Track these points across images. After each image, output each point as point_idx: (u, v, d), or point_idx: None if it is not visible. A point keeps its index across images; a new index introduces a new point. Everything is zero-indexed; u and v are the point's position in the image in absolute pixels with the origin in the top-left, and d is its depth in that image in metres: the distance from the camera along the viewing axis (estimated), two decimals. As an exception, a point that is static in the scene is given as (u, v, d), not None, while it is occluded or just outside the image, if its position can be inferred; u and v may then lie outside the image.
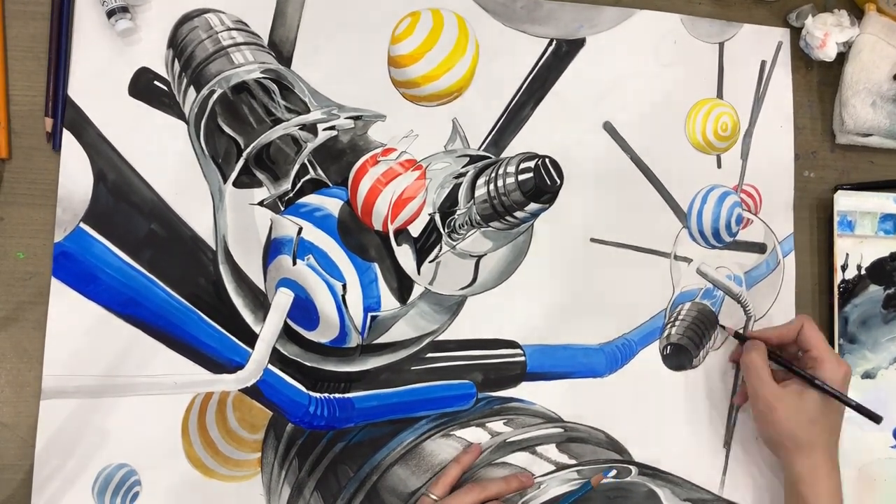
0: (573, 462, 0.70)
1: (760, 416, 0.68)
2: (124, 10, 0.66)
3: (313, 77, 0.71)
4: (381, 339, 0.69)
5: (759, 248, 0.77)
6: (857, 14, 0.79)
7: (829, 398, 0.66)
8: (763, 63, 0.79)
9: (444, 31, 0.73)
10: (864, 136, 0.79)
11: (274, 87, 0.70)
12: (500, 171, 0.69)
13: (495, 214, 0.69)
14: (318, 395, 0.68)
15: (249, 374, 0.67)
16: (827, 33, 0.76)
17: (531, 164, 0.68)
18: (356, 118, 0.70)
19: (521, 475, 0.67)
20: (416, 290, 0.70)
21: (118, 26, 0.66)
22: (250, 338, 0.67)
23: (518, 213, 0.69)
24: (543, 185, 0.68)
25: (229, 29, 0.69)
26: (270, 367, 0.67)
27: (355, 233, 0.69)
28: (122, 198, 0.66)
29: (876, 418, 0.67)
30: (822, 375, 0.66)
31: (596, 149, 0.75)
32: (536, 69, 0.74)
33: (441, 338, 0.70)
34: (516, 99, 0.74)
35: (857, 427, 0.75)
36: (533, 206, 0.70)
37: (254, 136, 0.68)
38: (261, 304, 0.67)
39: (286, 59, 0.70)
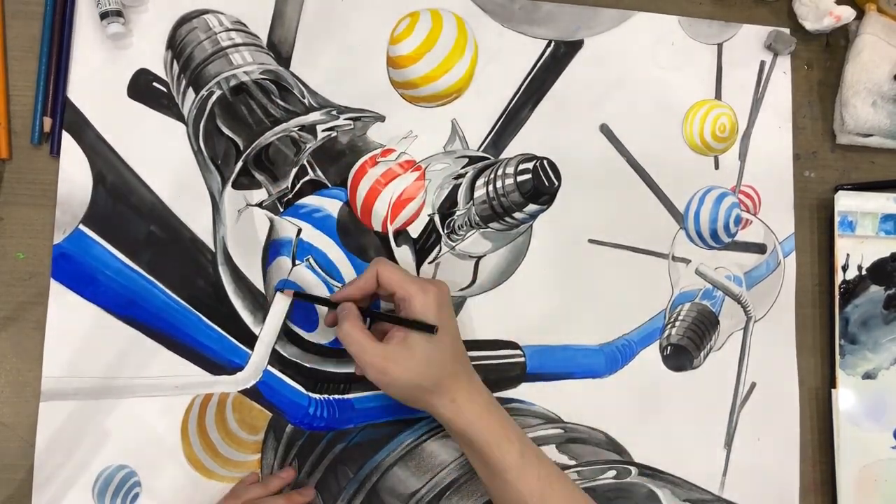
0: (573, 463, 0.70)
1: (379, 382, 0.60)
2: (118, 13, 0.66)
3: (312, 78, 0.71)
4: (381, 340, 0.69)
5: (759, 248, 0.77)
6: (858, 14, 0.79)
7: (434, 336, 0.60)
8: (762, 63, 0.79)
9: (443, 31, 0.73)
10: (865, 136, 0.79)
11: (273, 87, 0.70)
12: (499, 173, 0.69)
13: (494, 215, 0.69)
14: (317, 396, 0.68)
15: (249, 376, 0.67)
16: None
17: (530, 165, 0.68)
18: (355, 119, 0.71)
19: (300, 492, 0.65)
20: (416, 291, 0.70)
21: (109, 30, 0.66)
22: (250, 339, 0.67)
23: (517, 214, 0.69)
24: (542, 186, 0.68)
25: (228, 30, 0.69)
26: (270, 368, 0.67)
27: (355, 234, 0.69)
28: (121, 199, 0.66)
29: (432, 329, 0.59)
30: (413, 311, 0.60)
31: (594, 150, 0.75)
32: (535, 70, 0.74)
33: (440, 339, 0.70)
34: (515, 100, 0.74)
35: (858, 427, 0.75)
36: (531, 207, 0.70)
37: (253, 138, 0.68)
38: (260, 305, 0.67)
39: (285, 60, 0.70)
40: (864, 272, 0.77)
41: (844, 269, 0.77)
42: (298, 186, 0.69)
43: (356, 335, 0.60)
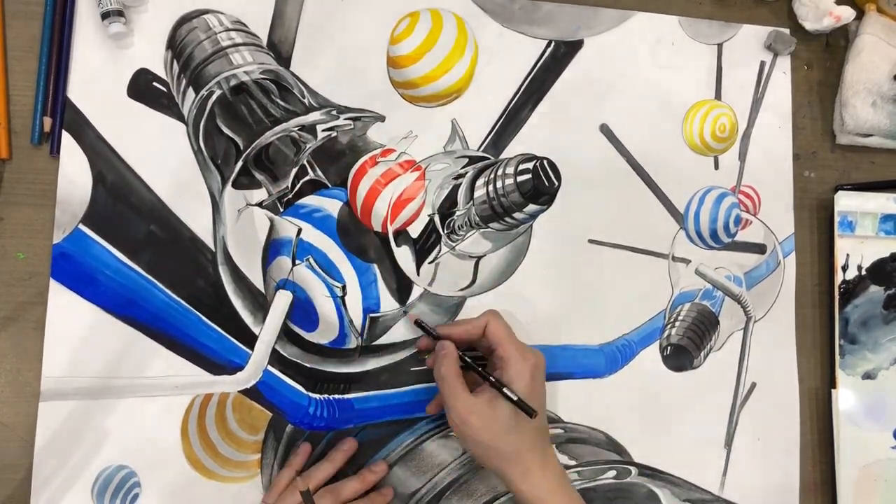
0: (573, 463, 0.70)
1: (457, 430, 0.61)
2: (119, 13, 0.66)
3: (312, 78, 0.71)
4: (381, 341, 0.69)
5: (759, 248, 0.77)
6: (858, 14, 0.79)
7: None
8: (762, 64, 0.79)
9: (444, 31, 0.73)
10: (865, 136, 0.79)
11: (273, 87, 0.70)
12: (499, 173, 0.69)
13: (494, 215, 0.69)
14: (317, 396, 0.68)
15: (249, 376, 0.67)
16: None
17: (529, 165, 0.68)
18: (355, 119, 0.70)
19: (374, 466, 0.66)
20: (416, 291, 0.70)
21: (110, 30, 0.66)
22: (250, 339, 0.67)
23: (517, 214, 0.69)
24: (542, 186, 0.68)
25: (228, 30, 0.69)
26: (270, 368, 0.67)
27: (355, 234, 0.69)
28: (121, 199, 0.66)
29: (531, 413, 0.59)
30: (508, 376, 0.60)
31: (594, 150, 0.75)
32: (535, 70, 0.74)
33: (440, 339, 0.70)
34: (515, 100, 0.74)
35: (857, 427, 0.75)
36: (531, 208, 0.70)
37: (253, 137, 0.68)
38: (260, 305, 0.67)
39: (285, 60, 0.70)
40: (863, 272, 0.77)
41: (844, 269, 0.77)
42: (298, 186, 0.69)
43: (451, 379, 0.60)
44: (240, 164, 0.68)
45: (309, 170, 0.69)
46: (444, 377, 0.61)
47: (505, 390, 0.59)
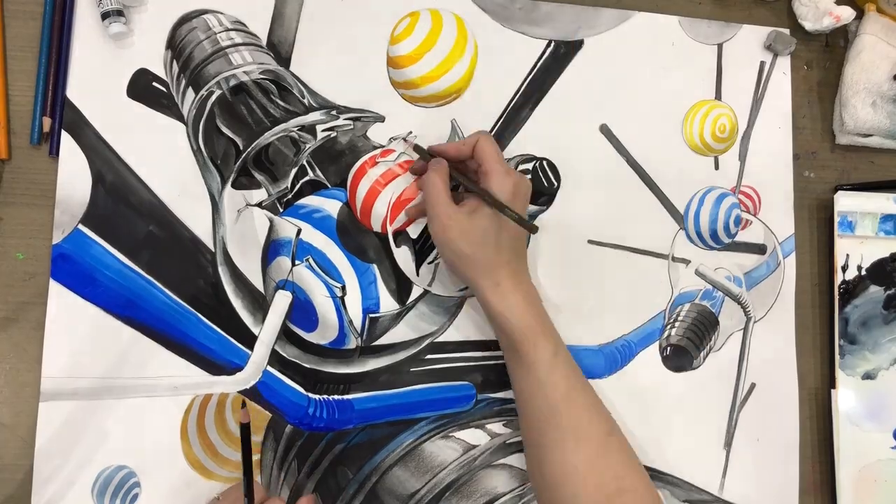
0: (572, 463, 0.70)
1: (436, 237, 0.63)
2: (119, 13, 0.66)
3: (312, 78, 0.71)
4: (381, 341, 0.69)
5: (759, 249, 0.77)
6: (857, 14, 0.79)
7: (500, 217, 0.62)
8: (762, 64, 0.79)
9: (443, 31, 0.73)
10: (865, 136, 0.79)
11: (272, 87, 0.70)
12: (499, 173, 0.69)
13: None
14: (317, 396, 0.68)
15: (248, 376, 0.67)
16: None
17: (529, 165, 0.68)
18: (355, 119, 0.70)
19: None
20: (415, 292, 0.70)
21: (111, 30, 0.66)
22: (249, 339, 0.67)
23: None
24: (541, 186, 0.68)
25: (228, 30, 0.69)
26: (269, 368, 0.67)
27: (354, 234, 0.69)
28: (120, 199, 0.66)
29: (532, 228, 0.62)
30: (489, 187, 0.62)
31: (594, 151, 0.75)
32: (535, 71, 0.74)
33: (440, 339, 0.70)
34: (515, 100, 0.74)
35: (857, 427, 0.75)
36: (531, 208, 0.70)
37: (252, 137, 0.68)
38: (260, 305, 0.67)
39: (285, 60, 0.70)
40: (863, 272, 0.77)
41: (844, 269, 0.77)
42: (298, 186, 0.69)
43: (439, 185, 0.62)
44: (239, 164, 0.68)
45: (308, 170, 0.69)
46: (431, 184, 0.63)
47: (488, 198, 0.61)
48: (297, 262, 0.68)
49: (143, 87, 0.68)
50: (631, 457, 0.62)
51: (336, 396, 0.68)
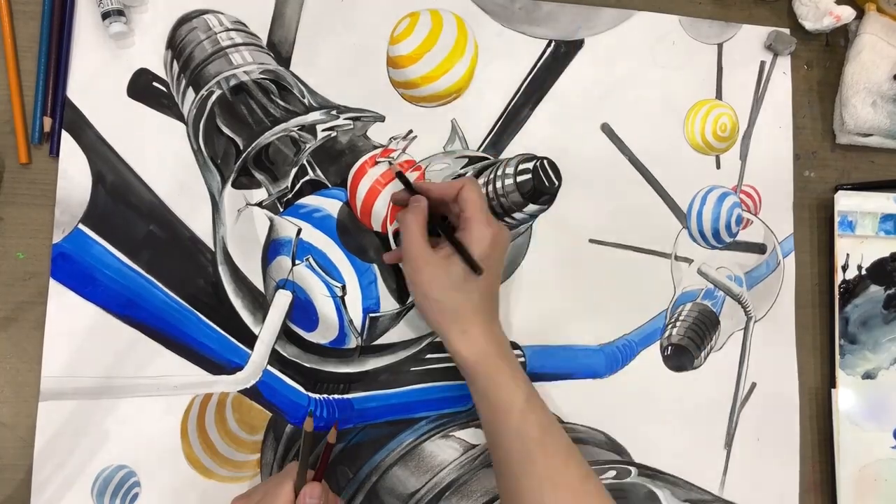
0: (573, 463, 0.70)
1: (409, 278, 0.62)
2: (120, 13, 0.66)
3: (312, 78, 0.71)
4: (381, 340, 0.69)
5: (760, 248, 0.77)
6: (857, 14, 0.79)
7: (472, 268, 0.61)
8: (762, 63, 0.79)
9: (443, 31, 0.73)
10: (865, 136, 0.79)
11: (273, 87, 0.70)
12: (499, 173, 0.69)
13: (494, 215, 0.69)
14: (317, 396, 0.68)
15: (248, 375, 0.67)
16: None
17: (530, 165, 0.68)
18: (355, 119, 0.70)
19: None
20: (416, 291, 0.70)
21: (111, 29, 0.66)
22: (249, 339, 0.67)
23: (517, 215, 0.69)
24: (542, 186, 0.68)
25: (228, 30, 0.69)
26: (269, 368, 0.67)
27: (354, 234, 0.69)
28: (120, 199, 0.66)
29: (476, 269, 0.60)
30: (468, 237, 0.61)
31: (595, 150, 0.75)
32: (535, 70, 0.74)
33: (440, 339, 0.70)
34: (515, 100, 0.74)
35: (857, 427, 0.75)
36: (531, 208, 0.70)
37: (253, 137, 0.68)
38: (260, 305, 0.67)
39: (285, 60, 0.70)
40: (863, 272, 0.77)
41: (844, 268, 0.77)
42: (298, 186, 0.69)
43: (415, 228, 0.61)
44: (239, 163, 0.68)
45: (309, 170, 0.69)
46: (409, 225, 0.62)
47: (455, 235, 0.61)
48: (297, 261, 0.68)
49: (143, 87, 0.68)
50: (608, 501, 0.60)
51: (336, 396, 0.68)
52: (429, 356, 0.70)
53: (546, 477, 0.59)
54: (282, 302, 0.67)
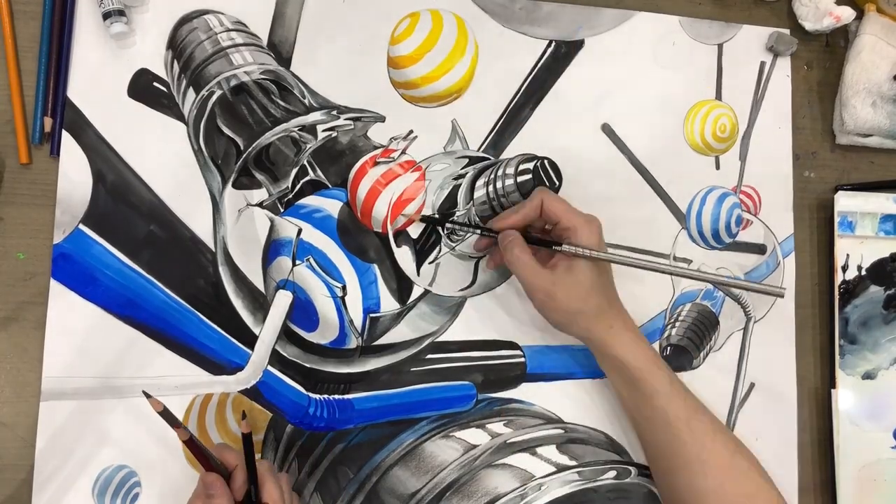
0: (573, 463, 0.70)
1: (544, 306, 0.64)
2: (121, 13, 0.66)
3: (313, 78, 0.71)
4: (381, 341, 0.69)
5: (759, 249, 0.77)
6: (857, 14, 0.79)
7: (596, 262, 0.64)
8: (762, 64, 0.79)
9: (444, 32, 0.73)
10: (865, 136, 0.79)
11: (273, 88, 0.70)
12: (500, 173, 0.69)
13: (495, 216, 0.69)
14: (317, 396, 0.68)
15: (249, 376, 0.67)
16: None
17: (530, 165, 0.68)
18: (355, 119, 0.71)
19: None
20: (416, 292, 0.70)
21: (112, 29, 0.66)
22: (250, 339, 0.67)
23: (517, 215, 0.69)
24: (542, 186, 0.68)
25: (228, 30, 0.69)
26: (270, 368, 0.67)
27: (355, 234, 0.69)
28: (121, 199, 0.66)
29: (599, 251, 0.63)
30: (579, 241, 0.63)
31: (595, 150, 0.75)
32: (535, 70, 0.74)
33: (441, 339, 0.70)
34: (515, 100, 0.74)
35: (858, 427, 0.75)
36: (533, 208, 0.70)
37: (253, 137, 0.68)
38: (260, 305, 0.67)
39: (285, 60, 0.70)
40: (863, 272, 0.77)
41: (844, 269, 0.77)
42: (299, 186, 0.69)
43: (527, 259, 0.63)
44: (240, 164, 0.68)
45: (309, 170, 0.69)
46: (519, 259, 0.63)
47: (586, 253, 0.63)
48: (297, 261, 0.68)
49: (143, 88, 0.68)
50: (760, 475, 0.63)
51: (337, 396, 0.68)
52: (429, 356, 0.70)
53: (695, 455, 0.63)
54: (282, 302, 0.67)
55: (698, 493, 0.62)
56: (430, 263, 0.70)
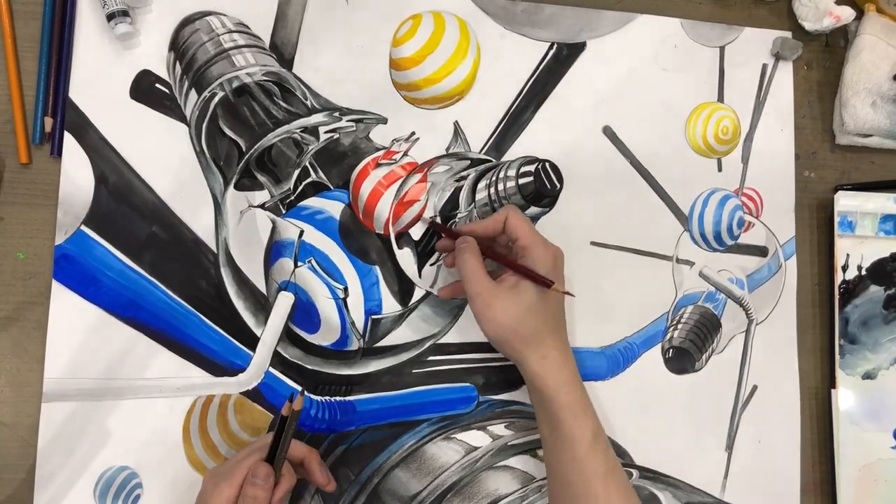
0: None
1: (480, 316, 0.61)
2: (124, 13, 0.66)
3: (315, 79, 0.71)
4: (383, 343, 0.69)
5: (761, 251, 0.77)
6: (857, 15, 0.79)
7: (544, 288, 0.61)
8: (764, 66, 0.79)
9: (446, 34, 0.73)
10: (865, 136, 0.79)
11: (275, 89, 0.69)
12: (501, 175, 0.69)
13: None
14: (319, 398, 0.68)
15: (250, 377, 0.67)
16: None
17: (531, 167, 0.68)
18: (357, 121, 0.70)
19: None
20: (418, 294, 0.70)
21: (117, 30, 0.66)
22: (251, 341, 0.67)
23: (519, 217, 0.69)
24: (543, 188, 0.68)
25: (231, 31, 0.69)
26: (271, 369, 0.67)
27: (356, 236, 0.69)
28: (123, 200, 0.66)
29: (546, 283, 0.61)
30: (531, 261, 0.62)
31: (597, 152, 0.75)
32: (537, 73, 0.74)
33: (442, 341, 0.70)
34: (517, 102, 0.74)
35: (857, 427, 0.75)
36: (533, 210, 0.70)
37: (255, 139, 0.68)
38: (262, 306, 0.67)
39: (287, 62, 0.70)
40: (863, 272, 0.78)
41: (844, 269, 0.77)
42: (301, 188, 0.69)
43: (474, 264, 0.62)
44: (242, 165, 0.68)
45: (311, 171, 0.69)
46: (468, 262, 0.62)
47: (521, 267, 0.61)
48: (299, 263, 0.68)
49: (146, 89, 0.68)
50: None
51: (338, 398, 0.68)
52: (431, 358, 0.70)
53: None
54: (284, 304, 0.67)
55: None
56: (431, 265, 0.70)
